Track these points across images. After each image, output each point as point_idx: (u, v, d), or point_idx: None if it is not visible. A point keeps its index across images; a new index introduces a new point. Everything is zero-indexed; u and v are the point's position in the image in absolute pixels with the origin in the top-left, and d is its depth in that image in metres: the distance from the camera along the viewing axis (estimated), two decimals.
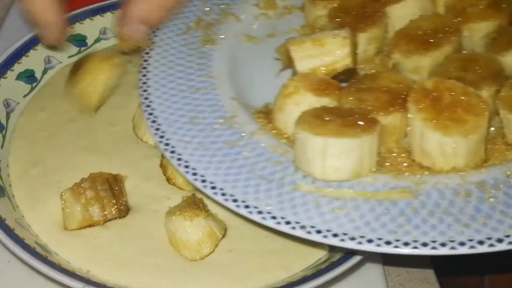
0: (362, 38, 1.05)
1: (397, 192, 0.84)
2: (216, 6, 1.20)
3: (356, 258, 0.89)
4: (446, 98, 0.87)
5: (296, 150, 0.89)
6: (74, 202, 0.97)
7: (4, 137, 1.09)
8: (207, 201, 0.99)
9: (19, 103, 1.14)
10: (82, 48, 1.24)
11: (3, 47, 1.16)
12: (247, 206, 0.85)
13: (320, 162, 0.86)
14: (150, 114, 1.01)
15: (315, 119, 0.88)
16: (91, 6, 1.24)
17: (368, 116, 0.88)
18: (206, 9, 1.19)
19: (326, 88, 0.95)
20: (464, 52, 1.01)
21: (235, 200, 0.86)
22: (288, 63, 1.06)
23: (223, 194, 0.87)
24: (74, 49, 1.23)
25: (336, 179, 0.86)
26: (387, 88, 0.93)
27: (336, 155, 0.85)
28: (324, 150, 0.84)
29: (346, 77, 1.01)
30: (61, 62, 1.21)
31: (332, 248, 0.93)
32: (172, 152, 0.94)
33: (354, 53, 1.00)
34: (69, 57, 1.22)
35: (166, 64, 1.09)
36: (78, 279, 0.88)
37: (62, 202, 0.98)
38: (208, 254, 0.95)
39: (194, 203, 0.98)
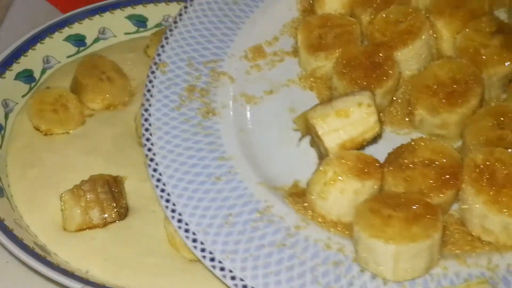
0: (378, 94, 1.00)
1: (475, 284, 0.82)
2: (203, 66, 1.10)
3: None
4: (501, 172, 0.85)
5: (360, 251, 0.85)
6: (74, 205, 0.96)
7: (3, 137, 1.07)
8: None
9: (17, 103, 1.13)
10: (81, 48, 1.22)
11: (1, 47, 1.15)
12: None
13: (391, 265, 0.82)
14: (180, 221, 0.93)
15: (375, 216, 0.83)
16: (90, 6, 1.24)
17: (426, 203, 0.85)
18: (193, 71, 1.09)
19: (367, 169, 0.90)
20: (492, 104, 0.98)
21: None
22: (306, 132, 1.00)
23: None
24: (73, 49, 1.21)
25: (409, 278, 0.84)
26: (430, 161, 0.90)
27: (410, 259, 0.81)
28: (396, 256, 0.81)
29: (371, 141, 0.97)
30: (59, 62, 1.20)
31: None
32: (222, 269, 0.87)
33: (379, 117, 0.96)
34: (68, 57, 1.21)
35: (174, 151, 1.00)
36: (77, 279, 0.88)
37: (62, 204, 0.97)
38: None
39: None
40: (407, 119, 1.03)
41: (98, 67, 1.13)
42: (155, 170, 0.98)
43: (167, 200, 0.95)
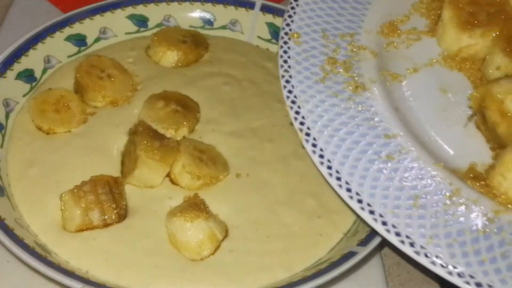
0: None
1: None
2: (339, 38, 0.99)
3: (357, 258, 0.88)
4: None
5: None
6: (74, 206, 0.94)
7: (3, 136, 1.05)
8: (208, 202, 0.96)
9: (18, 102, 1.10)
10: (82, 48, 1.19)
11: (2, 46, 1.11)
12: None
13: None
14: (360, 201, 0.81)
15: None
16: (91, 6, 1.20)
17: None
18: (330, 44, 0.98)
19: None
20: None
21: None
22: (478, 110, 0.91)
23: None
24: (73, 49, 1.18)
25: None
26: None
27: None
28: None
29: None
30: (60, 62, 1.16)
31: None
32: (426, 255, 0.75)
33: None
34: (69, 56, 1.17)
35: (329, 125, 0.88)
36: (78, 279, 0.86)
37: (62, 204, 0.95)
38: (208, 256, 0.93)
39: (195, 204, 0.94)
40: None
41: (96, 66, 1.10)
42: (314, 145, 0.86)
43: (338, 178, 0.83)
